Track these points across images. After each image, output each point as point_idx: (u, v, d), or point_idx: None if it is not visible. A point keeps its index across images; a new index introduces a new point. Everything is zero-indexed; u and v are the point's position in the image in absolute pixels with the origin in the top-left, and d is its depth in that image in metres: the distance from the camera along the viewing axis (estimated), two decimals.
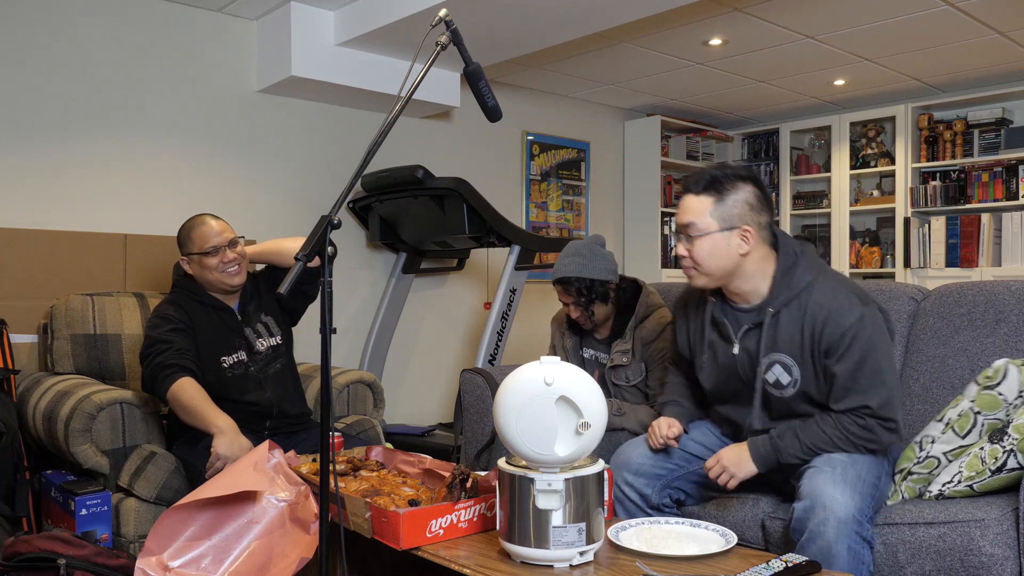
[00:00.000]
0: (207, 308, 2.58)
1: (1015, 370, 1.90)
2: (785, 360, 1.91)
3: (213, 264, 2.52)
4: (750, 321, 1.95)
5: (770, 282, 1.93)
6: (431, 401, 4.55)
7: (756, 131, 5.93)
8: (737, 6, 3.65)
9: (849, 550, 1.70)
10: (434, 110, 4.23)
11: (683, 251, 1.95)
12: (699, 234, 1.90)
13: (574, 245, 2.55)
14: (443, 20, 1.69)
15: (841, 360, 1.84)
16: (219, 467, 2.20)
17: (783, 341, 1.91)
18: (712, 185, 1.90)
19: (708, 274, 1.93)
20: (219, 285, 2.56)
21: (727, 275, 1.93)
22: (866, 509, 1.77)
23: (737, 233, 1.89)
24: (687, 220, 1.92)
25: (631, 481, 2.07)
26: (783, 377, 1.92)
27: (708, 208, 1.89)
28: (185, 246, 2.56)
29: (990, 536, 1.72)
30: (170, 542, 1.75)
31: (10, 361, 2.75)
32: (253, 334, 2.63)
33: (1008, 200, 4.80)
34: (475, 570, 1.53)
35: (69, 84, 3.27)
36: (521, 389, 1.53)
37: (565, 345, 2.69)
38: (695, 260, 1.92)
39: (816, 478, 1.78)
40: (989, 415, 1.91)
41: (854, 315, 1.84)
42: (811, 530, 1.73)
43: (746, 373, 1.98)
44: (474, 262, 4.67)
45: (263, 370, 2.60)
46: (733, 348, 1.98)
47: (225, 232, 2.56)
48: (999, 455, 1.81)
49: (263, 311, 2.69)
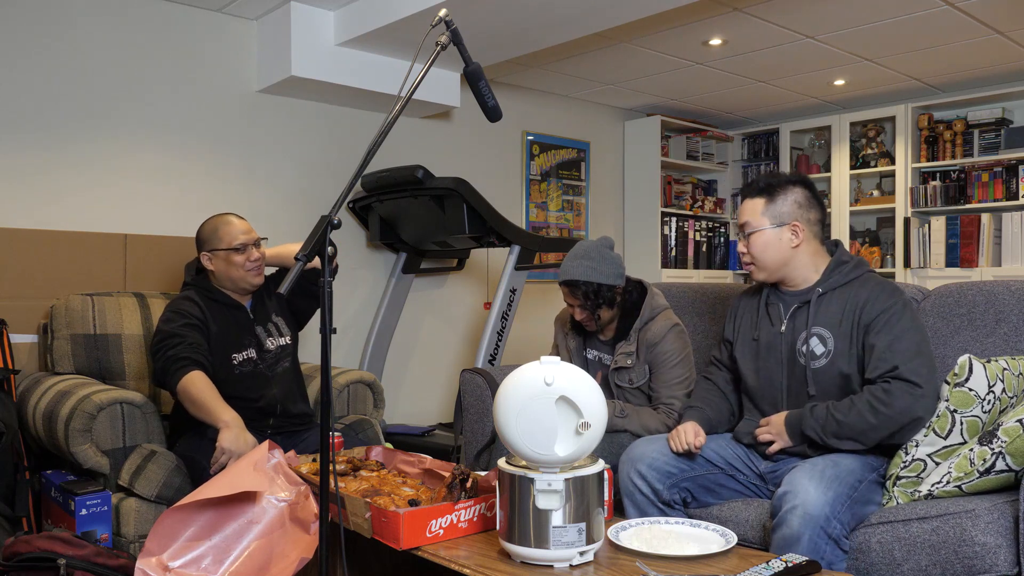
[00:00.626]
0: (221, 306, 2.61)
1: (979, 365, 1.93)
2: (823, 332, 2.05)
3: (240, 262, 2.57)
4: (799, 301, 2.12)
5: (820, 274, 2.12)
6: (431, 401, 4.55)
7: (756, 131, 5.93)
8: (737, 6, 3.65)
9: (810, 540, 1.76)
10: (434, 110, 4.23)
11: (742, 248, 2.15)
12: (753, 231, 2.11)
13: (583, 246, 2.52)
14: (443, 20, 1.69)
15: (880, 334, 1.97)
16: (223, 461, 2.22)
17: (824, 315, 2.07)
18: (765, 189, 2.13)
19: (765, 267, 2.13)
20: (241, 283, 2.60)
21: (781, 266, 2.12)
22: (838, 508, 1.81)
23: (788, 229, 2.09)
24: (743, 220, 2.15)
25: (645, 474, 2.08)
26: (817, 348, 2.05)
27: (760, 208, 2.11)
28: (210, 242, 2.60)
29: (981, 525, 1.73)
30: (170, 542, 1.75)
31: (10, 361, 2.76)
32: (264, 333, 2.67)
33: (1008, 200, 4.80)
34: (475, 570, 1.53)
35: (69, 84, 3.27)
36: (521, 389, 1.53)
37: (568, 346, 2.68)
38: (752, 255, 2.13)
39: (796, 472, 1.88)
40: (966, 412, 1.93)
41: (896, 298, 2.00)
42: (780, 516, 1.81)
43: (787, 348, 2.12)
44: (474, 262, 4.67)
45: (271, 368, 2.63)
46: (781, 327, 2.13)
47: (251, 232, 2.63)
48: (988, 457, 1.82)
49: (275, 311, 2.73)
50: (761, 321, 2.20)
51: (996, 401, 1.93)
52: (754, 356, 2.19)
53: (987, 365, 1.94)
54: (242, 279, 2.59)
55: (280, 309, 2.77)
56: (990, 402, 1.92)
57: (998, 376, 1.93)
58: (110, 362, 2.83)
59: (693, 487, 2.11)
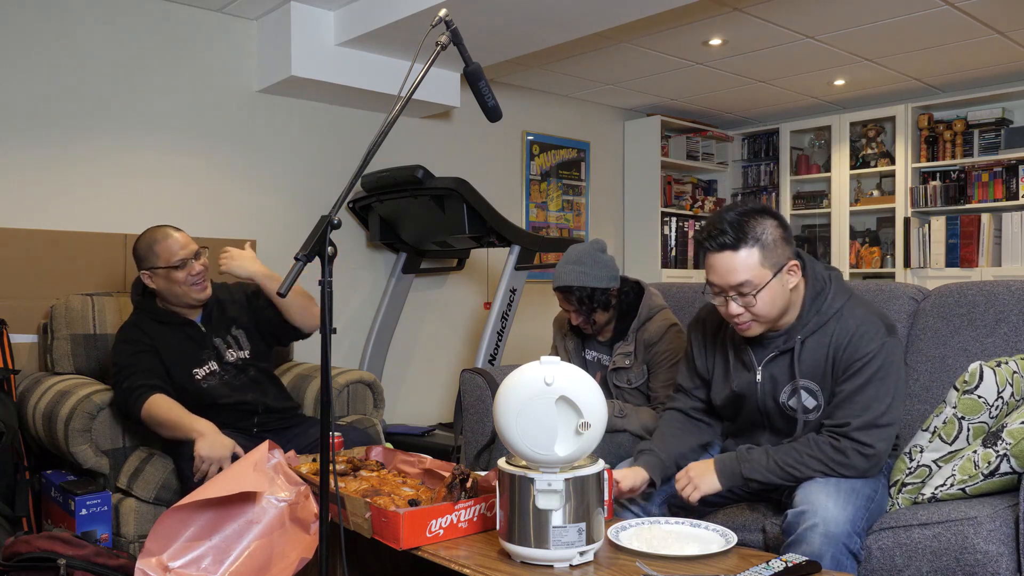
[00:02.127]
0: (168, 326, 2.52)
1: (990, 372, 1.90)
2: (810, 386, 1.90)
3: (181, 278, 2.45)
4: (776, 348, 1.92)
5: (799, 309, 1.90)
6: (431, 401, 4.55)
7: (756, 131, 5.93)
8: (737, 6, 3.65)
9: (833, 559, 1.69)
10: (434, 110, 4.23)
11: (738, 309, 1.84)
12: (758, 289, 1.81)
13: (575, 251, 2.52)
14: (443, 20, 1.68)
15: (847, 381, 1.84)
16: (205, 469, 2.19)
17: (808, 367, 1.89)
18: (745, 235, 1.79)
19: (768, 321, 1.87)
20: (185, 299, 2.50)
21: (781, 315, 1.88)
22: (858, 522, 1.76)
23: (786, 271, 1.84)
24: (740, 279, 1.80)
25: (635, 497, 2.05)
26: (809, 402, 1.91)
27: (758, 260, 1.80)
28: (147, 260, 2.47)
29: (983, 533, 1.72)
30: (170, 543, 1.75)
31: (10, 361, 2.76)
32: (224, 344, 2.58)
33: (1008, 200, 4.80)
34: (475, 570, 1.53)
35: (69, 84, 3.27)
36: (521, 389, 1.53)
37: (567, 347, 2.68)
38: (756, 314, 1.84)
39: (810, 487, 1.78)
40: (973, 419, 1.90)
41: (876, 343, 1.82)
42: (799, 534, 1.71)
43: (765, 400, 1.95)
44: (474, 262, 4.67)
45: (236, 378, 2.56)
46: (756, 375, 1.95)
47: (190, 244, 2.49)
48: (992, 459, 1.81)
49: (234, 324, 2.62)
50: (733, 364, 2.00)
51: (1004, 405, 1.90)
52: (731, 403, 2.03)
53: (997, 371, 1.90)
54: (185, 295, 2.48)
55: (244, 322, 2.63)
56: (998, 407, 1.90)
57: (1008, 380, 1.90)
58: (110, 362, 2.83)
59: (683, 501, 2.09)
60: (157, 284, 2.49)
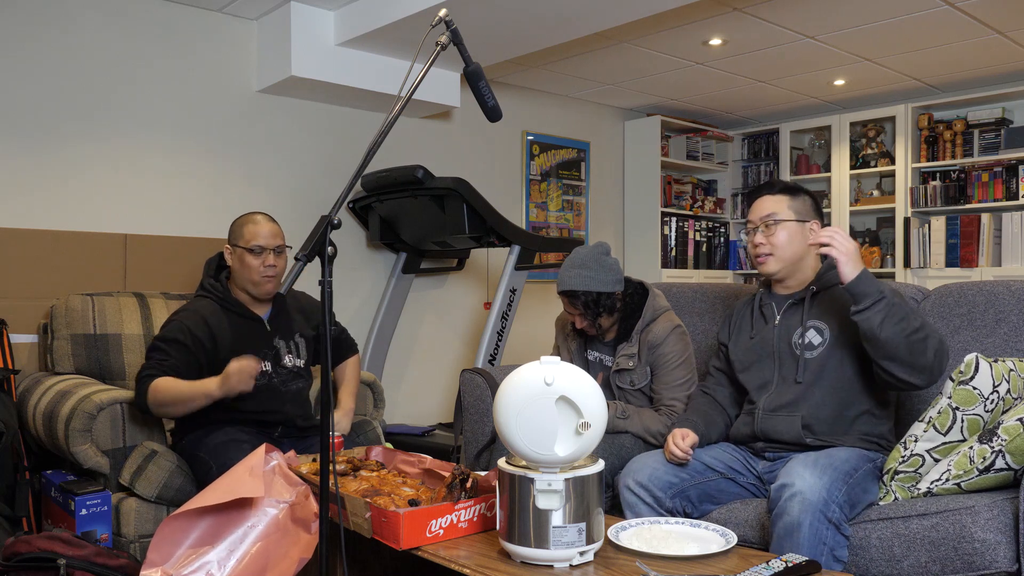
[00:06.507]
0: (236, 316, 2.54)
1: (986, 364, 1.93)
2: (819, 324, 2.12)
3: (253, 264, 2.50)
4: (793, 299, 2.19)
5: (813, 273, 2.20)
6: (431, 401, 4.55)
7: (756, 131, 5.93)
8: (737, 6, 3.66)
9: (811, 527, 1.77)
10: (434, 110, 4.23)
11: (760, 239, 2.17)
12: (780, 220, 2.15)
13: (579, 255, 2.51)
14: (443, 20, 1.69)
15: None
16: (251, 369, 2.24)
17: (820, 310, 2.13)
18: (785, 188, 2.21)
19: (782, 258, 2.16)
20: (251, 287, 2.53)
21: (796, 261, 2.17)
22: (835, 492, 1.84)
23: (808, 226, 2.16)
24: (768, 211, 2.17)
25: (646, 484, 2.07)
26: (814, 339, 2.12)
27: (786, 203, 2.17)
28: (233, 236, 2.55)
29: (981, 522, 1.73)
30: (172, 551, 1.75)
31: (10, 361, 2.76)
32: (284, 347, 2.60)
33: (1008, 200, 4.80)
34: (475, 570, 1.53)
35: (69, 84, 3.27)
36: (521, 389, 1.53)
37: (569, 347, 2.68)
38: (773, 245, 2.15)
39: (791, 465, 1.91)
40: (967, 410, 1.93)
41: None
42: (780, 506, 1.82)
43: (780, 341, 2.17)
44: (474, 262, 4.67)
45: (285, 383, 2.57)
46: (774, 322, 2.20)
47: (275, 238, 2.54)
48: (987, 455, 1.82)
49: (299, 332, 2.66)
50: (756, 322, 2.27)
51: (1000, 401, 1.92)
52: (747, 351, 2.25)
53: (994, 365, 1.93)
54: (252, 283, 2.52)
55: (305, 333, 2.69)
56: (993, 402, 1.92)
57: (1004, 376, 1.92)
58: (110, 362, 2.83)
59: (695, 495, 2.11)
60: (232, 261, 2.56)
